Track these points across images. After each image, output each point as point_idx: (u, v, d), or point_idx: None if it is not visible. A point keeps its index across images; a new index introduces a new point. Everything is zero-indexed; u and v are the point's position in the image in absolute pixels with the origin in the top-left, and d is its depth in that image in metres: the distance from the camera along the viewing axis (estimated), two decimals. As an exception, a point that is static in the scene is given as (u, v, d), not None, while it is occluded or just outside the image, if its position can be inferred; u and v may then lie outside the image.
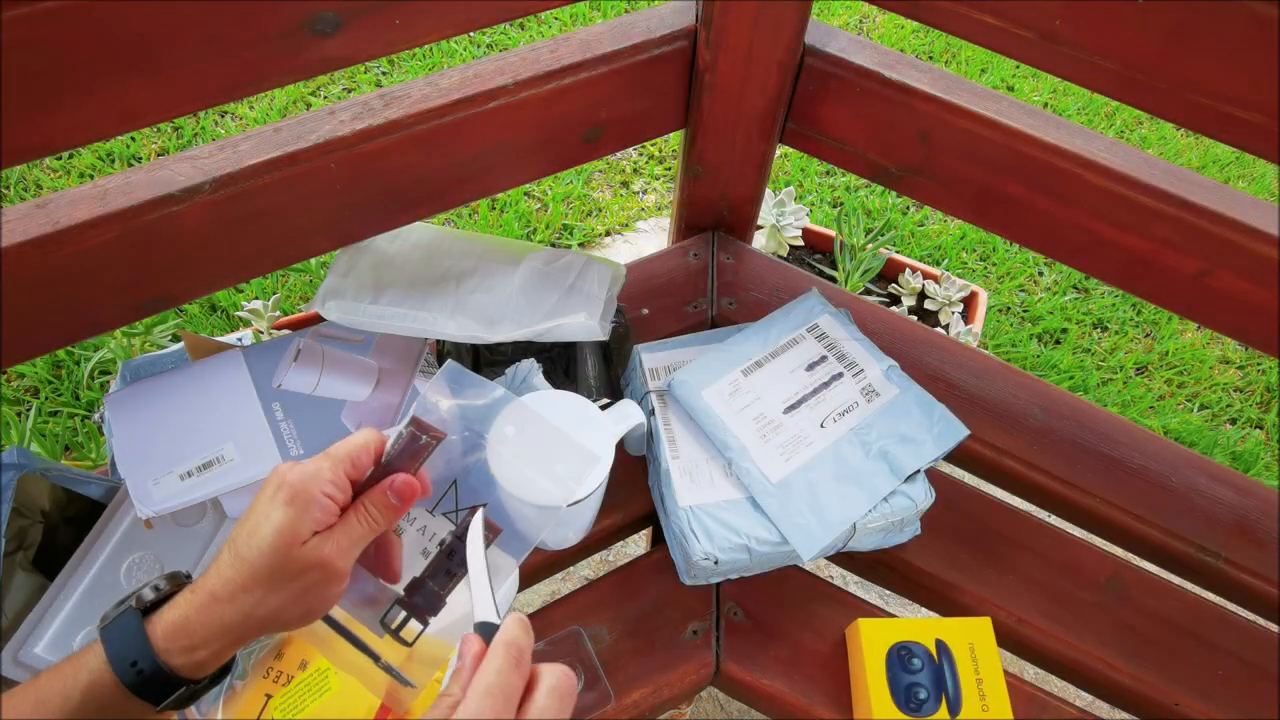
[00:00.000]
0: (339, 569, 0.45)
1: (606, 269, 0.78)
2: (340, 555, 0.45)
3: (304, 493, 0.44)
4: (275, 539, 0.43)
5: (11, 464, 0.65)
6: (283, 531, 0.44)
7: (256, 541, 0.44)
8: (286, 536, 0.44)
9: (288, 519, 0.44)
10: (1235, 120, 0.60)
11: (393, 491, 0.48)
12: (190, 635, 0.44)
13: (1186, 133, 1.91)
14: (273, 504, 0.44)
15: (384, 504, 0.48)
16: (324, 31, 0.56)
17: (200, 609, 0.44)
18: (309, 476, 0.45)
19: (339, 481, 0.46)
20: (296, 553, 0.44)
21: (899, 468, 0.70)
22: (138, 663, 0.43)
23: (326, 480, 0.46)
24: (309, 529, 0.44)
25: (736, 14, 0.73)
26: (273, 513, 0.44)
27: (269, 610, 0.44)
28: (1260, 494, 0.82)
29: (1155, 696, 0.71)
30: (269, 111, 1.69)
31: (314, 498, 0.45)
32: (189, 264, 0.66)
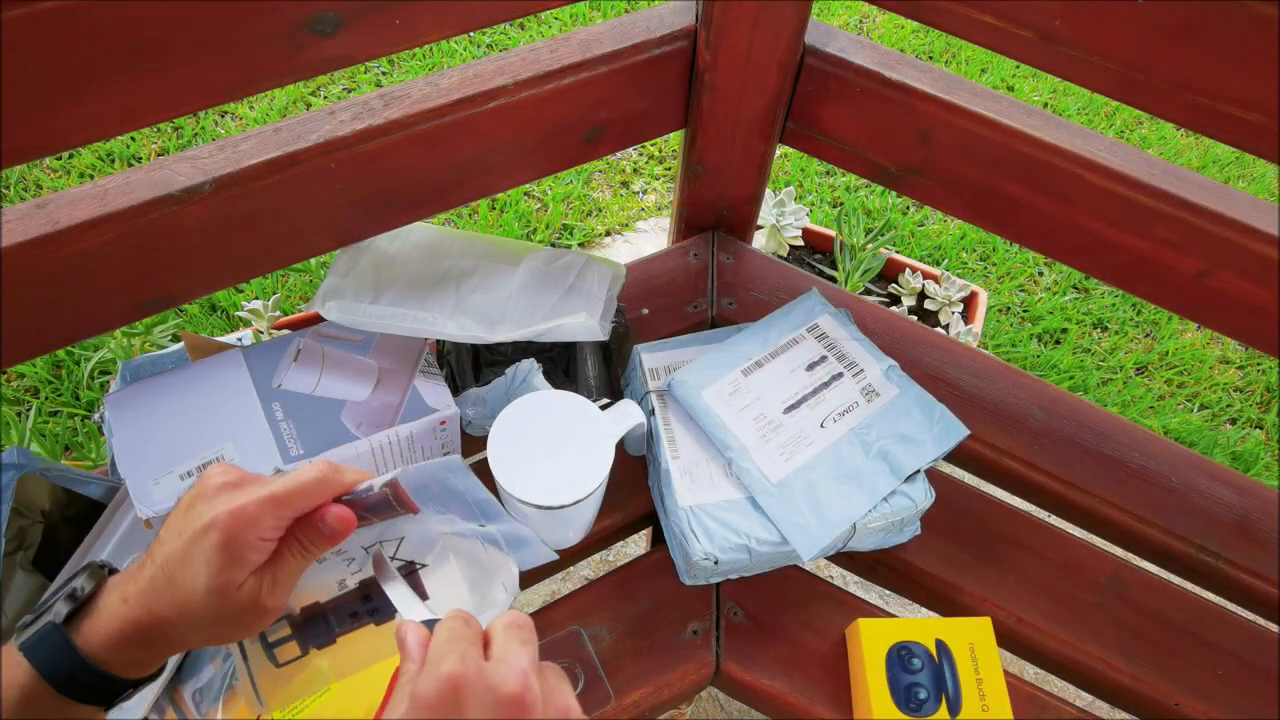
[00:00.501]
0: (274, 606, 0.45)
1: (606, 269, 0.78)
2: (275, 593, 0.45)
3: (239, 540, 0.42)
4: (211, 581, 0.42)
5: (11, 464, 0.65)
6: (218, 576, 0.42)
7: (190, 575, 0.42)
8: (222, 582, 0.42)
9: (222, 566, 0.42)
10: (1235, 120, 0.60)
11: (324, 524, 0.46)
12: (131, 649, 0.43)
13: (1186, 133, 1.91)
14: (205, 540, 0.42)
15: (316, 536, 0.46)
16: (324, 31, 0.56)
17: (138, 625, 0.43)
18: (247, 522, 0.43)
19: (280, 525, 0.44)
20: (233, 595, 0.43)
21: (899, 468, 0.70)
22: (76, 675, 0.42)
23: (267, 526, 0.44)
24: (245, 574, 0.43)
25: (736, 14, 0.73)
26: (206, 550, 0.42)
27: (205, 636, 0.44)
28: (1260, 494, 0.82)
29: (1155, 696, 0.71)
30: (269, 111, 1.69)
31: (250, 544, 0.43)
32: (189, 264, 0.66)
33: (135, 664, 0.44)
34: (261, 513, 0.43)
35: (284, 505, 0.44)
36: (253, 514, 0.43)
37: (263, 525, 0.43)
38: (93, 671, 0.42)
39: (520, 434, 0.66)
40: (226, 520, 0.42)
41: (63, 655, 0.42)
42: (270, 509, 0.43)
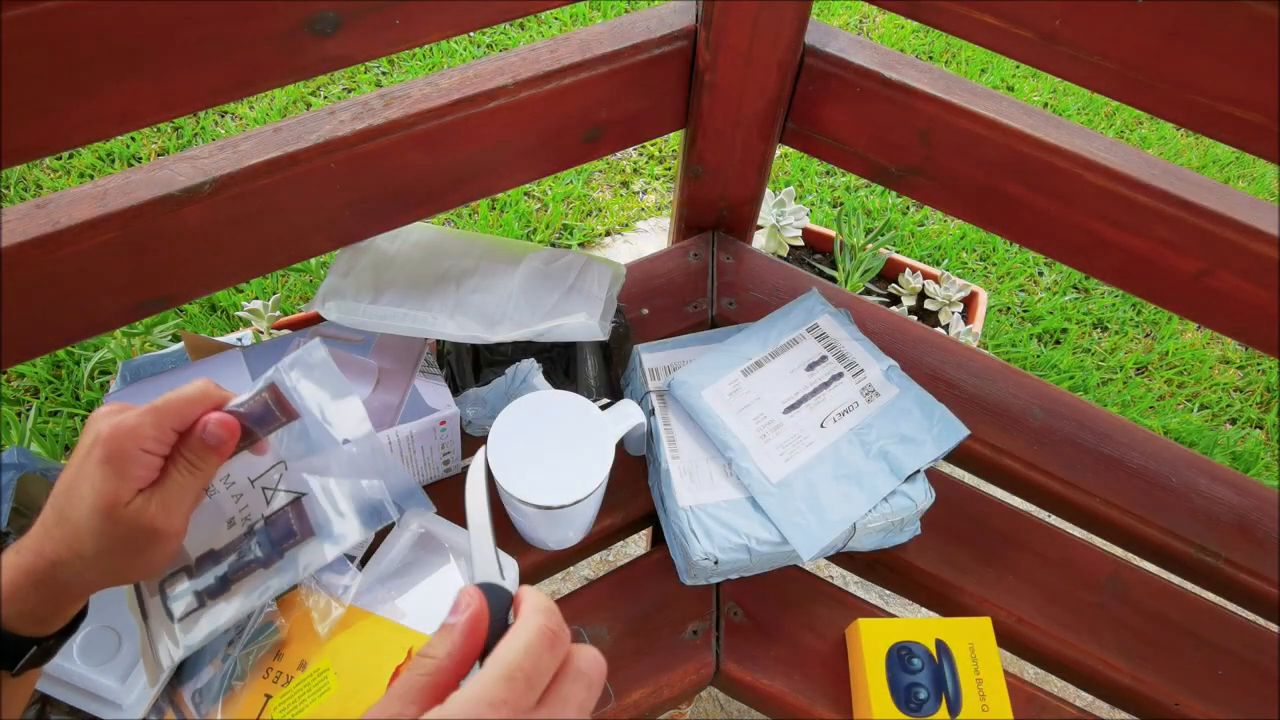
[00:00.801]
0: (167, 529, 0.42)
1: (606, 269, 0.78)
2: (167, 515, 0.42)
3: (120, 451, 0.41)
4: (96, 500, 0.40)
5: (12, 464, 0.65)
6: (103, 494, 0.41)
7: (76, 501, 0.41)
8: (108, 499, 0.41)
9: (106, 480, 0.41)
10: (1235, 120, 0.60)
11: (206, 433, 0.44)
12: (25, 599, 0.41)
13: (1186, 133, 1.91)
14: (89, 461, 0.41)
15: (200, 448, 0.44)
16: (324, 31, 0.56)
17: (30, 571, 0.41)
18: (127, 432, 0.41)
19: (162, 436, 0.43)
20: (120, 514, 0.41)
21: (899, 468, 0.70)
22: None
23: (148, 437, 0.42)
24: (130, 489, 0.41)
25: (736, 14, 0.73)
26: (90, 471, 0.41)
27: (101, 570, 0.42)
28: (1260, 494, 0.82)
29: (1155, 696, 0.71)
30: (269, 111, 1.69)
31: (132, 456, 0.41)
32: (189, 264, 0.66)
33: (35, 618, 0.42)
34: (140, 422, 0.42)
35: (162, 414, 0.43)
36: (131, 424, 0.42)
37: (142, 435, 0.42)
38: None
39: (520, 434, 0.66)
40: (107, 433, 0.41)
41: None
42: (149, 417, 0.42)
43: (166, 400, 0.43)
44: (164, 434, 0.43)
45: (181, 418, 0.43)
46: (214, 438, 0.44)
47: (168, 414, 0.43)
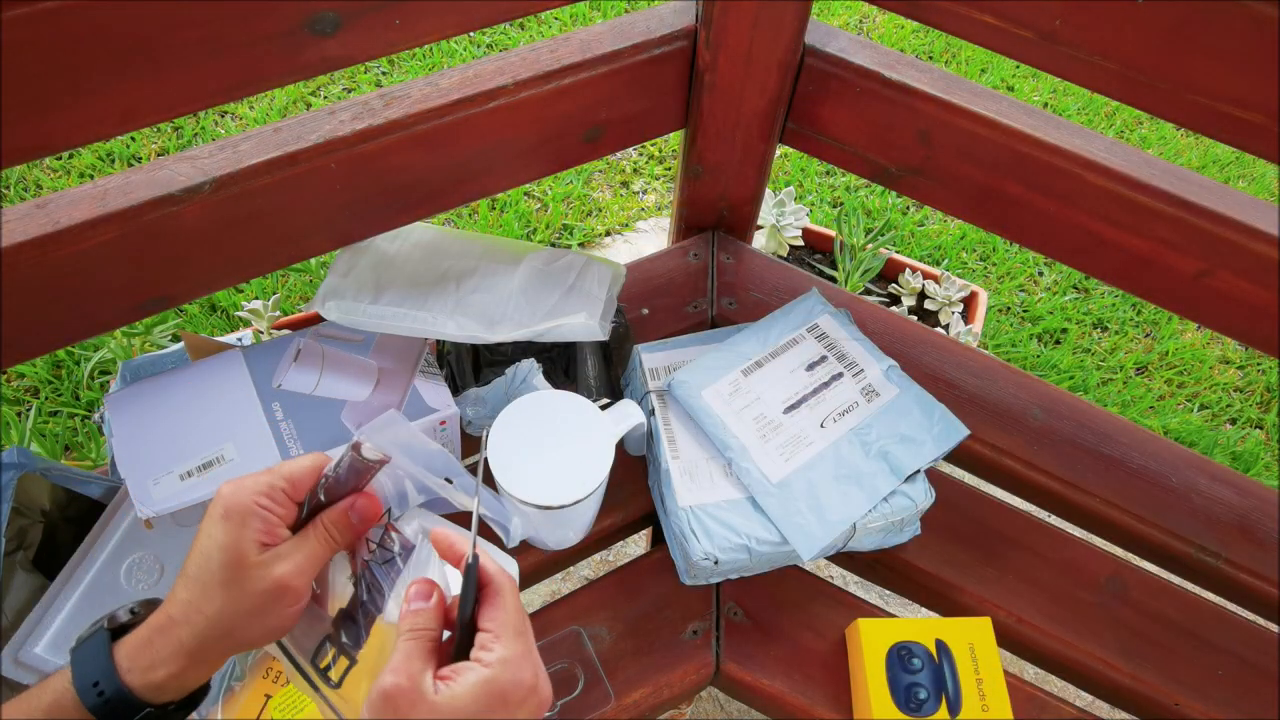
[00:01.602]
0: (295, 588, 0.44)
1: (606, 269, 0.78)
2: (297, 575, 0.44)
3: (238, 506, 0.44)
4: (221, 556, 0.43)
5: (12, 463, 0.65)
6: (226, 548, 0.43)
7: (202, 560, 0.43)
8: (231, 553, 0.43)
9: (228, 534, 0.43)
10: (1235, 120, 0.60)
11: (354, 511, 0.47)
12: (150, 655, 0.43)
13: (1186, 133, 1.91)
14: (210, 520, 0.44)
15: (344, 523, 0.47)
16: (324, 31, 0.56)
17: (159, 630, 0.43)
18: (242, 489, 0.45)
19: (276, 496, 0.45)
20: (246, 569, 0.43)
21: (899, 468, 0.70)
22: (99, 683, 0.42)
23: (261, 494, 0.45)
24: (251, 542, 0.43)
25: (736, 14, 0.73)
26: (212, 529, 0.44)
27: (224, 629, 0.43)
28: (1260, 494, 0.82)
29: (1155, 696, 0.71)
30: (269, 111, 1.69)
31: (250, 510, 0.44)
32: (189, 264, 0.66)
33: (156, 685, 0.43)
34: (257, 482, 0.45)
35: (277, 475, 0.46)
36: (248, 483, 0.45)
37: (259, 492, 0.44)
38: (114, 680, 0.42)
39: (520, 434, 0.66)
40: (227, 491, 0.44)
41: (96, 659, 0.42)
42: (265, 478, 0.45)
43: (280, 465, 0.47)
44: (277, 494, 0.45)
45: (293, 482, 0.46)
46: (359, 515, 0.47)
47: (280, 475, 0.46)
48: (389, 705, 0.38)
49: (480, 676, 0.39)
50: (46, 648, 0.62)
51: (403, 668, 0.39)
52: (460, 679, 0.39)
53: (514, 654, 0.40)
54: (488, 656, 0.40)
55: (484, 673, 0.39)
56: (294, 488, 0.46)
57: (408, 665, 0.39)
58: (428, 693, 0.39)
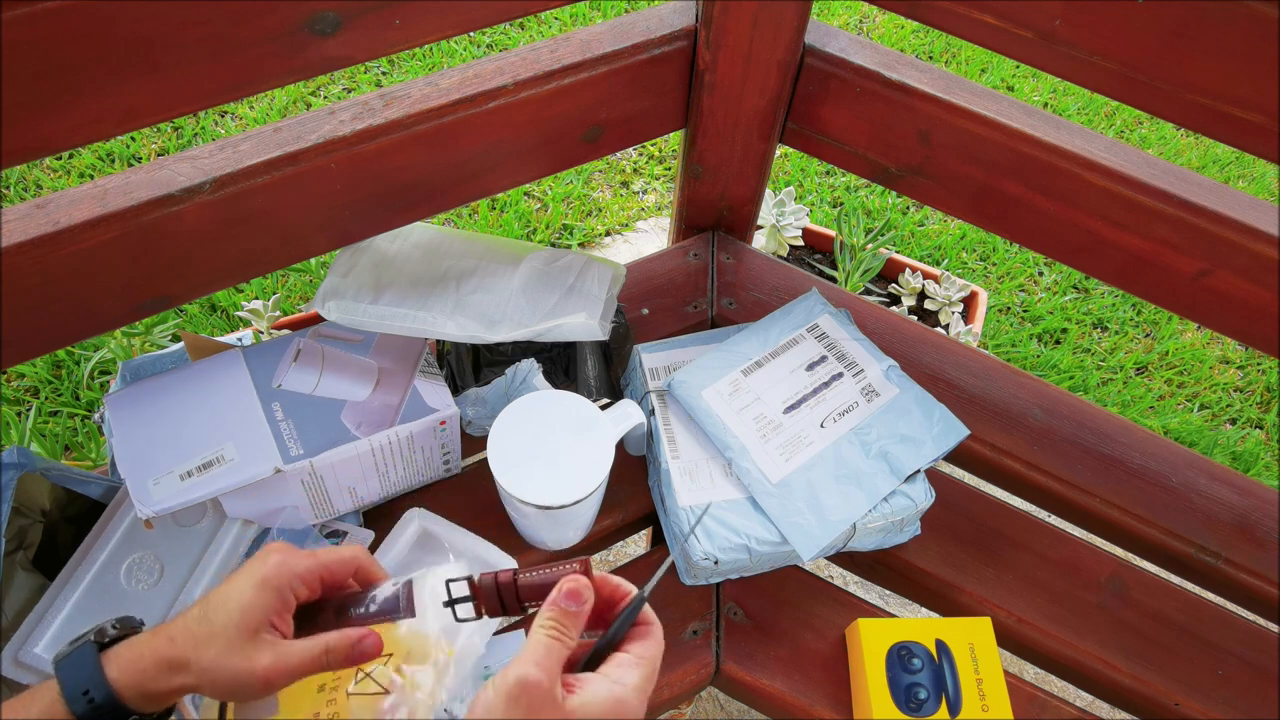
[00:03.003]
0: (271, 684, 0.45)
1: (606, 269, 0.78)
2: (277, 674, 0.45)
3: (277, 581, 0.46)
4: (239, 615, 0.44)
5: (12, 463, 0.65)
6: (245, 610, 0.45)
7: (222, 611, 0.45)
8: (248, 618, 0.44)
9: (255, 600, 0.45)
10: (1235, 120, 0.60)
11: (357, 647, 0.46)
12: (143, 671, 0.44)
13: (1186, 133, 1.91)
14: (248, 579, 0.46)
15: (343, 654, 0.46)
16: (324, 31, 0.56)
17: (154, 649, 0.45)
18: (287, 567, 0.46)
19: (312, 585, 0.47)
20: (246, 644, 0.44)
21: (899, 468, 0.70)
22: (89, 691, 0.43)
23: (300, 580, 0.46)
24: (266, 621, 0.45)
25: (736, 14, 0.73)
26: (245, 588, 0.45)
27: (203, 674, 0.45)
28: (1260, 494, 0.82)
29: (1155, 696, 0.71)
30: (269, 111, 1.69)
31: (284, 591, 0.46)
32: (189, 264, 0.66)
33: (146, 694, 0.45)
34: (306, 566, 0.47)
35: (319, 562, 0.48)
36: (295, 563, 0.47)
37: (300, 575, 0.46)
38: (105, 689, 0.43)
39: (520, 434, 0.66)
40: (274, 563, 0.46)
41: (85, 669, 0.44)
42: (311, 562, 0.47)
43: (326, 552, 0.48)
44: (311, 580, 0.47)
45: (330, 571, 0.48)
46: (360, 650, 0.46)
47: (322, 563, 0.48)
48: (523, 696, 0.38)
49: (612, 694, 0.40)
50: (46, 648, 0.62)
51: (544, 663, 0.40)
52: (589, 689, 0.40)
53: (646, 686, 0.41)
54: (626, 678, 0.41)
55: (617, 691, 0.40)
56: (330, 577, 0.48)
57: (549, 662, 0.40)
58: (558, 696, 0.39)
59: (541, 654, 0.40)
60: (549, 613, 0.42)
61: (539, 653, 0.40)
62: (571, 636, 0.42)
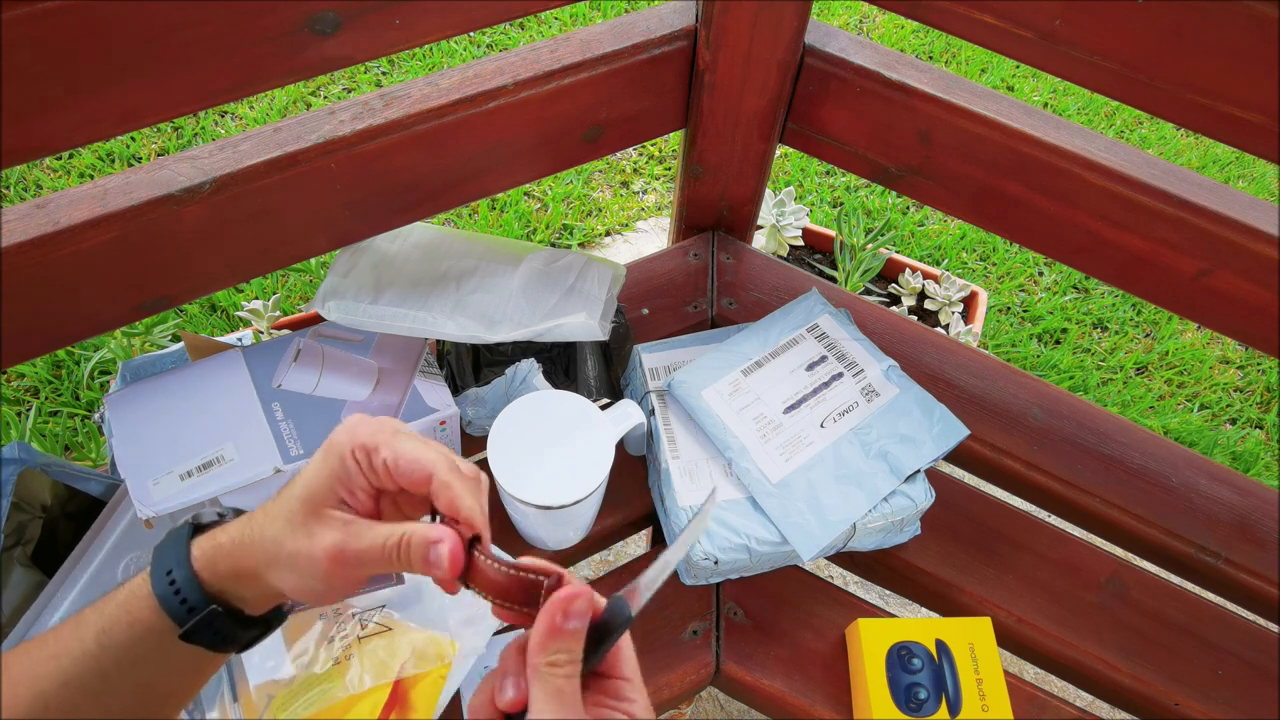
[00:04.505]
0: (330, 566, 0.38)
1: (606, 269, 0.78)
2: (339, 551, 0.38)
3: (337, 445, 0.39)
4: (300, 488, 0.39)
5: (13, 459, 0.65)
6: (309, 481, 0.39)
7: (295, 480, 0.40)
8: (311, 487, 0.39)
9: (315, 470, 0.39)
10: (1235, 120, 0.60)
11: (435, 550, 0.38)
12: (214, 543, 0.40)
13: (1186, 133, 1.91)
14: (318, 452, 0.40)
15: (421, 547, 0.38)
16: (324, 31, 0.56)
17: (235, 523, 0.41)
18: (347, 430, 0.40)
19: (372, 450, 0.39)
20: (309, 519, 0.38)
21: (899, 468, 0.70)
22: (172, 571, 0.39)
23: (360, 444, 0.39)
24: (332, 490, 0.39)
25: (736, 14, 0.73)
26: (311, 461, 0.40)
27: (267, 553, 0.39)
28: (1260, 494, 0.82)
29: (1155, 696, 0.71)
30: (269, 111, 1.69)
31: (341, 452, 0.39)
32: (189, 264, 0.66)
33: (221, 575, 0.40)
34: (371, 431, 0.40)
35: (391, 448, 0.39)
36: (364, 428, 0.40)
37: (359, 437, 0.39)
38: (186, 568, 0.39)
39: (520, 434, 0.66)
40: (345, 424, 0.40)
41: (174, 547, 0.40)
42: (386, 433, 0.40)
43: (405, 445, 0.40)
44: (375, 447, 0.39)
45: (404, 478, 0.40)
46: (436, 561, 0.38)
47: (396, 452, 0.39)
48: None
49: None
50: (46, 647, 0.62)
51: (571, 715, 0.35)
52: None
53: (649, 711, 0.38)
54: (636, 710, 0.37)
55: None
56: (395, 473, 0.39)
57: (574, 711, 0.35)
58: None
59: (560, 705, 0.35)
60: (552, 645, 0.36)
61: (562, 708, 0.35)
62: (579, 660, 0.36)
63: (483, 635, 0.64)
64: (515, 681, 0.37)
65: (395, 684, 0.61)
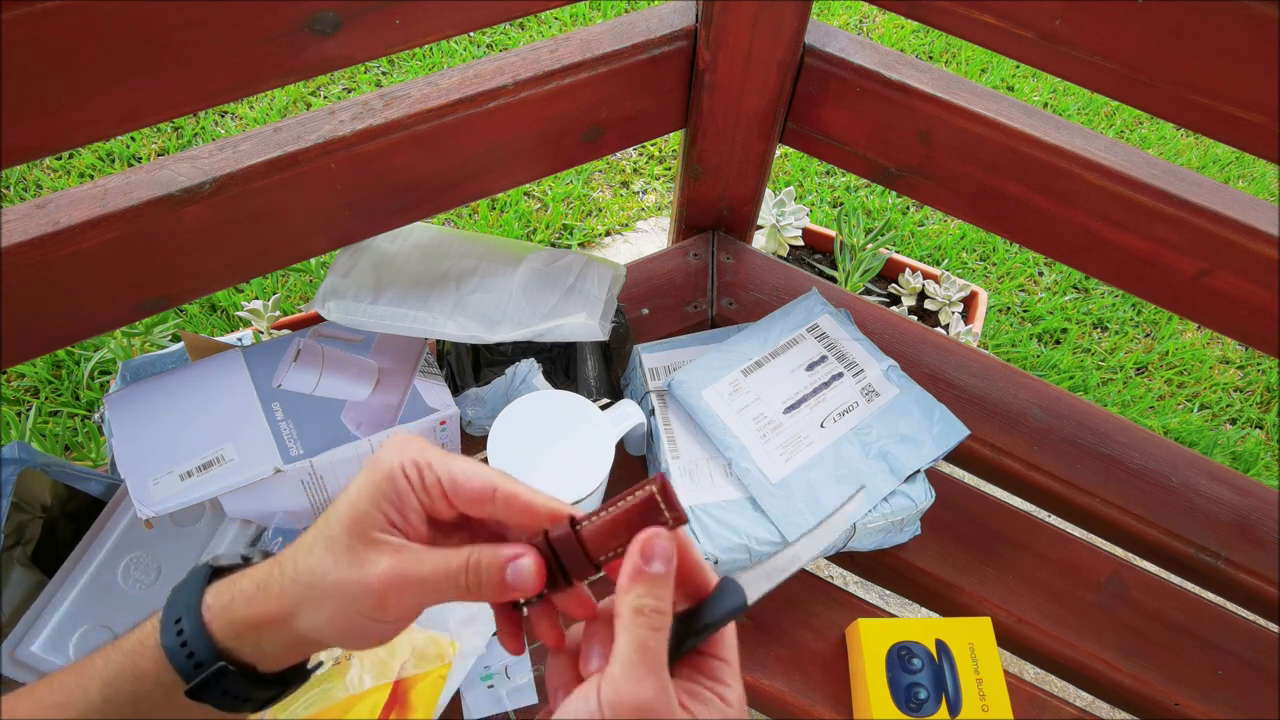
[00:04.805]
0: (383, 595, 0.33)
1: (606, 269, 0.78)
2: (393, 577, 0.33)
3: (384, 462, 0.35)
4: (344, 511, 0.35)
5: (13, 458, 0.65)
6: (353, 503, 0.35)
7: (330, 512, 0.35)
8: (355, 509, 0.35)
9: (360, 490, 0.35)
10: (1235, 120, 0.60)
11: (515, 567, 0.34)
12: (232, 589, 0.36)
13: (1186, 133, 1.91)
14: (360, 473, 0.36)
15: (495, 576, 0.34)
16: (324, 31, 0.56)
17: (255, 569, 0.36)
18: (402, 448, 0.36)
19: (424, 466, 0.35)
20: (356, 544, 0.34)
21: (899, 468, 0.70)
22: (181, 620, 0.35)
23: (410, 459, 0.35)
24: (380, 512, 0.34)
25: (736, 14, 0.73)
26: (354, 482, 0.36)
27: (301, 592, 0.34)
28: (1260, 494, 0.82)
29: (1155, 696, 0.71)
30: (269, 111, 1.69)
31: (390, 470, 0.35)
32: (189, 264, 0.66)
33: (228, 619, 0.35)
34: (419, 451, 0.36)
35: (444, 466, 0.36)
36: (412, 446, 0.36)
37: (409, 453, 0.35)
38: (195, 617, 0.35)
39: (520, 434, 0.66)
40: (391, 442, 0.36)
41: (186, 591, 0.37)
42: (434, 454, 0.36)
43: (456, 462, 0.36)
44: (427, 465, 0.35)
45: (456, 487, 0.35)
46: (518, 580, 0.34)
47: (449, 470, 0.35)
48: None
49: (722, 714, 0.33)
50: (43, 646, 0.62)
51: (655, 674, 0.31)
52: (706, 709, 0.33)
53: (742, 701, 0.34)
54: (730, 695, 0.34)
55: (727, 711, 0.33)
56: (452, 491, 0.35)
57: (658, 672, 0.31)
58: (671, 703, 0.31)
59: (650, 661, 0.31)
60: (636, 589, 0.32)
61: (646, 660, 0.31)
62: (668, 611, 0.33)
63: (483, 635, 0.64)
64: (603, 651, 0.34)
65: (395, 684, 0.61)
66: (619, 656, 0.31)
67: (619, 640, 0.32)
